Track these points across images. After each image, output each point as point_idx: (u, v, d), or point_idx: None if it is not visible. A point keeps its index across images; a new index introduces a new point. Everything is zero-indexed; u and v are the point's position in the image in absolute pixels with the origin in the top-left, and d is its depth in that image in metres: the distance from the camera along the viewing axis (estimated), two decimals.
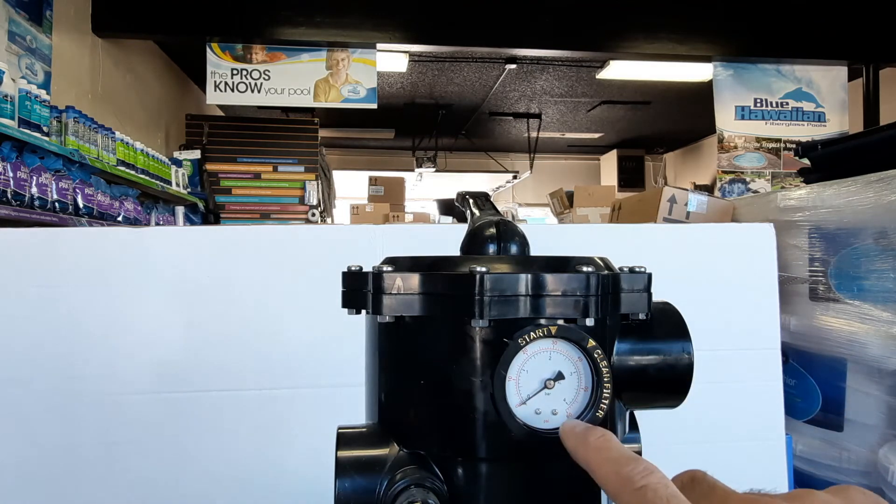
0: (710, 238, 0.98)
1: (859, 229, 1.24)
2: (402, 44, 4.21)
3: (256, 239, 0.87)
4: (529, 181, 8.48)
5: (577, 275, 0.33)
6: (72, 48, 3.57)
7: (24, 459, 0.80)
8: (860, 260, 1.23)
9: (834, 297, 1.28)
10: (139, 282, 0.84)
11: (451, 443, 0.34)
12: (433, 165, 7.98)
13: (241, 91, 4.15)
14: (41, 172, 2.55)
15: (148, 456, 0.82)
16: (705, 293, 0.94)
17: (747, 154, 4.50)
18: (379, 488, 0.34)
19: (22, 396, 0.80)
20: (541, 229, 1.05)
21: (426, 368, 0.35)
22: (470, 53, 4.89)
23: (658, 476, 0.26)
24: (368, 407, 0.39)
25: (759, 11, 4.30)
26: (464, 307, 0.32)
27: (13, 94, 2.42)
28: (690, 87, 5.40)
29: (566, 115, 7.18)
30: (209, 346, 0.84)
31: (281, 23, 4.06)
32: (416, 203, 8.74)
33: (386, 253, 0.41)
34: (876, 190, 1.19)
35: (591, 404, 0.33)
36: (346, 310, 0.40)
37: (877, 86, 4.46)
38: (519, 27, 4.21)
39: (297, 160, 5.17)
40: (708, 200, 1.89)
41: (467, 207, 0.47)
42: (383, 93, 5.88)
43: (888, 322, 1.17)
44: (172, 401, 0.83)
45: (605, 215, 3.70)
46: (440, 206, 6.58)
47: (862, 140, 1.56)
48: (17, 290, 0.81)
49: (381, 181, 6.10)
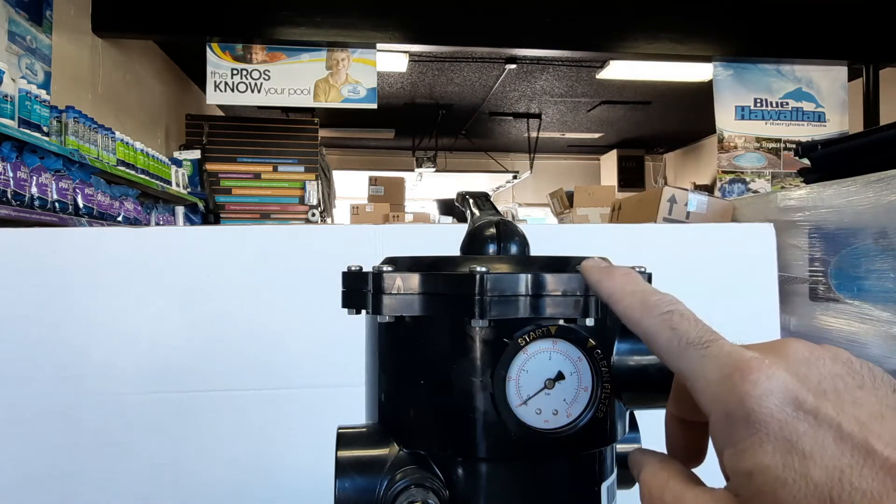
0: (710, 238, 0.98)
1: (859, 229, 1.24)
2: (402, 44, 4.22)
3: (256, 239, 0.87)
4: (529, 181, 8.48)
5: (577, 275, 0.33)
6: (72, 48, 3.57)
7: (24, 459, 0.80)
8: (860, 260, 1.23)
9: (834, 297, 1.28)
10: (139, 282, 0.84)
11: (451, 443, 0.34)
12: (433, 165, 7.98)
13: (241, 91, 4.15)
14: (41, 172, 2.55)
15: (148, 456, 0.82)
16: (705, 293, 0.94)
17: (747, 154, 4.50)
18: (379, 488, 0.34)
19: (22, 396, 0.80)
20: (541, 229, 1.05)
21: (426, 368, 0.35)
22: (470, 53, 4.89)
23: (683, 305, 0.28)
24: (368, 407, 0.39)
25: (759, 11, 4.30)
26: (464, 307, 0.32)
27: (13, 94, 2.42)
28: (690, 87, 5.40)
29: (566, 115, 7.18)
30: (209, 346, 0.84)
31: (281, 23, 4.06)
32: (416, 203, 8.74)
33: (386, 253, 0.41)
34: (876, 190, 1.19)
35: (591, 404, 0.33)
36: (346, 310, 0.40)
37: (877, 86, 4.47)
38: (519, 27, 4.21)
39: (297, 160, 5.17)
40: (708, 200, 1.89)
41: (467, 207, 0.47)
42: (383, 93, 5.88)
43: (888, 322, 1.17)
44: (172, 401, 0.83)
45: (605, 215, 3.70)
46: (440, 206, 6.59)
47: (862, 140, 1.56)
48: (17, 290, 0.81)
49: (381, 181, 6.11)
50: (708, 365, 0.25)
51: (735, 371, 0.24)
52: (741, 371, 0.23)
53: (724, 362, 0.24)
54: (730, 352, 0.25)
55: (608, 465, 0.36)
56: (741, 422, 0.23)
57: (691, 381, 0.26)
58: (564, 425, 0.33)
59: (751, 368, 0.23)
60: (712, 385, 0.24)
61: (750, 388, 0.23)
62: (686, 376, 0.26)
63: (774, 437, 0.22)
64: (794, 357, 0.24)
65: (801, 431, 0.22)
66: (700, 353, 0.25)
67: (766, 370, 0.23)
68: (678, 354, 0.26)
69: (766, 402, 0.22)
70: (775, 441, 0.22)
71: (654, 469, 0.29)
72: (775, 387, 0.23)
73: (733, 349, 0.25)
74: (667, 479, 0.28)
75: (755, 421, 0.22)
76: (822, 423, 0.22)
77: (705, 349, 0.25)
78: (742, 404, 0.23)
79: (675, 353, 0.26)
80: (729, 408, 0.23)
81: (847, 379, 0.23)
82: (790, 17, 4.31)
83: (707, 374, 0.25)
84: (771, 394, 0.22)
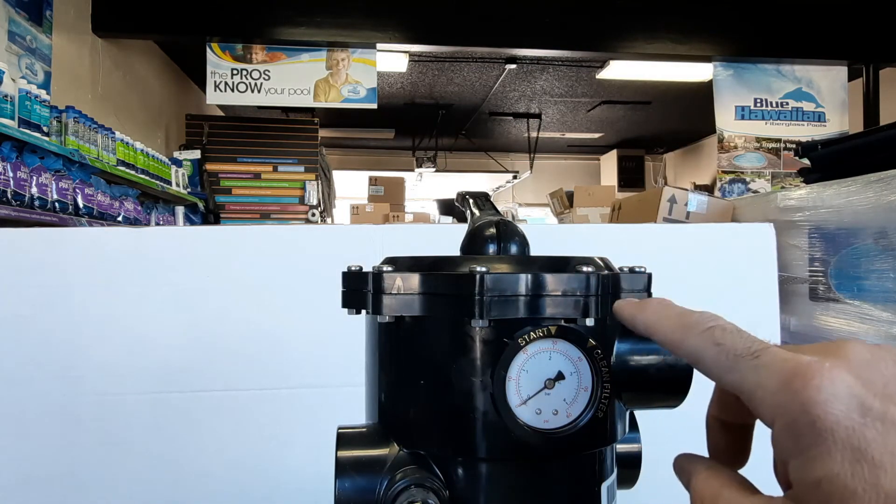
0: (710, 238, 0.98)
1: (859, 229, 1.24)
2: (402, 44, 4.22)
3: (256, 239, 0.87)
4: (529, 181, 8.48)
5: (576, 275, 0.33)
6: (72, 48, 3.57)
7: (24, 459, 0.80)
8: (860, 260, 1.23)
9: (834, 297, 1.28)
10: (139, 282, 0.84)
11: (451, 443, 0.34)
12: (433, 165, 7.98)
13: (241, 91, 4.15)
14: (41, 172, 2.55)
15: (148, 456, 0.82)
16: (705, 293, 0.94)
17: (747, 154, 4.50)
18: (379, 488, 0.34)
19: (22, 396, 0.80)
20: (541, 229, 1.04)
21: (426, 368, 0.35)
22: (470, 53, 4.89)
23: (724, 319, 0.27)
24: (368, 407, 0.39)
25: (760, 11, 4.30)
26: (464, 307, 0.32)
27: (13, 94, 2.42)
28: (690, 87, 5.40)
29: (566, 115, 7.18)
30: (209, 346, 0.84)
31: (281, 23, 4.06)
32: (416, 203, 8.74)
33: (386, 253, 0.41)
34: (876, 190, 1.19)
35: (591, 404, 0.33)
36: (346, 310, 0.40)
37: (877, 86, 4.47)
38: (519, 27, 4.21)
39: (297, 160, 5.17)
40: (708, 200, 1.89)
41: (467, 207, 0.47)
42: (383, 93, 5.88)
43: (888, 322, 1.17)
44: (172, 401, 0.83)
45: (605, 215, 3.70)
46: (440, 206, 6.59)
47: (862, 140, 1.55)
48: (17, 290, 0.81)
49: (381, 181, 6.10)
50: (763, 374, 0.24)
51: (795, 377, 0.23)
52: (802, 377, 0.22)
53: (781, 368, 0.23)
54: (785, 358, 0.24)
55: (608, 465, 0.36)
56: (807, 429, 0.22)
57: (748, 393, 0.25)
58: (564, 425, 0.33)
59: (812, 373, 0.22)
60: (772, 394, 0.23)
61: (814, 394, 0.22)
62: (741, 389, 0.25)
63: (842, 445, 0.21)
64: (856, 359, 0.23)
65: (869, 438, 0.21)
66: (752, 364, 0.25)
67: (829, 374, 0.22)
68: (729, 368, 0.25)
69: (832, 407, 0.22)
70: (843, 449, 0.21)
71: (706, 476, 0.28)
72: (840, 391, 0.22)
73: (788, 355, 0.24)
74: (720, 487, 0.27)
75: (822, 428, 0.22)
76: (891, 429, 0.21)
77: (756, 359, 0.24)
78: (806, 411, 0.22)
79: (725, 367, 0.26)
80: (793, 416, 0.22)
81: None
82: (790, 17, 4.31)
83: (764, 383, 0.24)
84: (836, 399, 0.22)
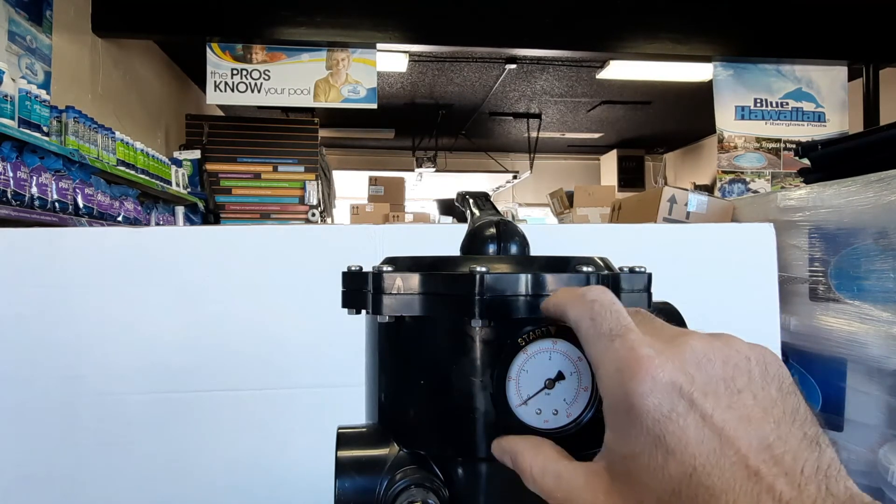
0: (710, 238, 0.98)
1: (859, 229, 1.24)
2: (402, 44, 4.21)
3: (256, 239, 0.87)
4: (529, 181, 8.48)
5: (577, 275, 0.33)
6: (72, 48, 3.57)
7: (24, 459, 0.80)
8: (860, 260, 1.23)
9: (834, 297, 1.28)
10: (139, 282, 0.84)
11: (451, 443, 0.34)
12: (433, 165, 7.97)
13: (241, 91, 4.15)
14: (41, 172, 2.55)
15: (148, 456, 0.82)
16: (705, 293, 0.94)
17: (747, 154, 4.50)
18: (379, 488, 0.34)
19: (22, 396, 0.80)
20: (541, 229, 1.05)
21: (426, 368, 0.35)
22: (470, 53, 4.89)
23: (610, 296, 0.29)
24: (368, 407, 0.39)
25: (760, 11, 4.30)
26: (464, 307, 0.32)
27: (13, 94, 2.42)
28: (690, 87, 5.40)
29: (566, 115, 7.18)
30: (209, 346, 0.84)
31: (281, 23, 4.06)
32: (416, 203, 8.74)
33: (386, 253, 0.41)
34: (876, 190, 1.19)
35: (591, 404, 0.33)
36: (346, 310, 0.40)
37: (877, 86, 4.46)
38: (519, 27, 4.21)
39: (297, 160, 5.17)
40: (708, 200, 1.89)
41: (467, 207, 0.47)
42: (383, 93, 5.88)
43: (888, 322, 1.17)
44: (172, 401, 0.83)
45: (605, 215, 3.70)
46: (440, 206, 6.58)
47: (862, 140, 1.55)
48: (17, 290, 0.81)
49: (381, 181, 6.10)
50: (609, 356, 0.27)
51: (627, 367, 0.26)
52: (631, 369, 0.26)
53: (620, 356, 0.26)
54: (630, 347, 0.26)
55: None
56: (623, 413, 0.26)
57: (594, 368, 0.28)
58: (564, 425, 0.33)
59: (641, 366, 0.25)
60: (607, 376, 0.27)
61: (636, 386, 0.25)
62: (593, 363, 0.28)
63: (647, 431, 0.25)
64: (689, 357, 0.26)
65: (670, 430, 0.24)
66: (606, 345, 0.27)
67: (654, 370, 0.25)
68: (591, 343, 0.28)
69: (647, 400, 0.25)
70: (647, 435, 0.25)
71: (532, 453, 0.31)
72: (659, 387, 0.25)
73: (635, 344, 0.26)
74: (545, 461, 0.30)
75: (634, 416, 0.25)
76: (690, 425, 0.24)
77: (611, 342, 0.27)
78: (627, 398, 0.25)
79: (589, 341, 0.28)
80: (617, 398, 0.26)
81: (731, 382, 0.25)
82: (790, 17, 4.31)
83: (606, 364, 0.27)
84: (653, 393, 0.25)
